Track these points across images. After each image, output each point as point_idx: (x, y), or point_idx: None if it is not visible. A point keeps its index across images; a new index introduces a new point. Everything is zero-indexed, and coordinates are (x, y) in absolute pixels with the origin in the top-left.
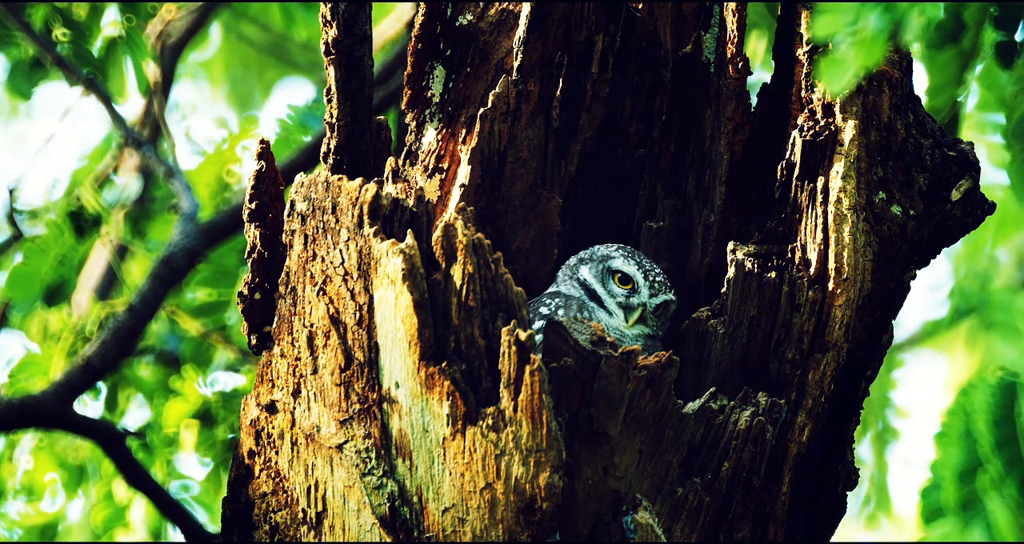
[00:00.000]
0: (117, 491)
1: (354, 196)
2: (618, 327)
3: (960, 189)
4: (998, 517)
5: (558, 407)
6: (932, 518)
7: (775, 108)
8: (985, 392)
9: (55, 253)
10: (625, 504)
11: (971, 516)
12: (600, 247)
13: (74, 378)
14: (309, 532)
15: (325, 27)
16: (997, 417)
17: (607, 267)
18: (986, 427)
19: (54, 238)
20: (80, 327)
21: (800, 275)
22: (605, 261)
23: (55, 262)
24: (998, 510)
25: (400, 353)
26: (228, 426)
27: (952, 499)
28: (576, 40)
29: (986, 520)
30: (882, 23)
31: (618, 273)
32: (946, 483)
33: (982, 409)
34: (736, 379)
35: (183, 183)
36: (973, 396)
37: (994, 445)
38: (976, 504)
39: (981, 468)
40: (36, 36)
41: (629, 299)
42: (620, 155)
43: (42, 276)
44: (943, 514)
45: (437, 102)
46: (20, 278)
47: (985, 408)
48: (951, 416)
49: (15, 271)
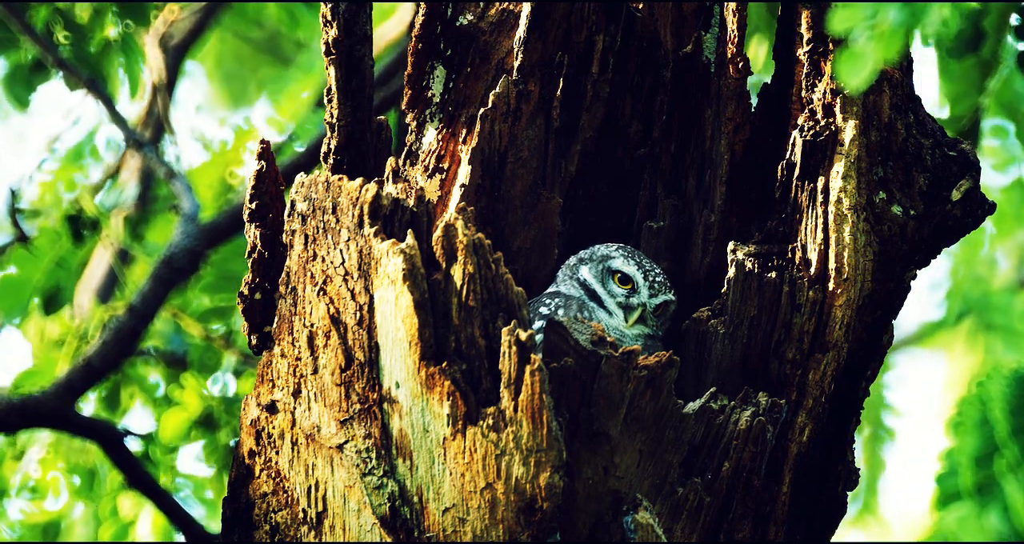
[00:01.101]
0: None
1: (354, 196)
2: (618, 327)
3: (960, 189)
4: (1015, 500)
5: (558, 407)
6: (948, 502)
7: (775, 108)
8: (1001, 382)
9: (50, 259)
10: (625, 504)
11: (987, 500)
12: (600, 247)
13: (75, 378)
14: (309, 532)
15: (325, 27)
16: (1013, 406)
17: (607, 267)
18: (1003, 415)
19: (49, 244)
20: (82, 331)
21: (800, 275)
22: (605, 261)
23: (50, 268)
24: (1015, 493)
25: (400, 353)
26: (231, 430)
27: (968, 483)
28: (576, 40)
29: (1003, 503)
30: (902, 17)
31: (618, 273)
32: (962, 468)
33: (999, 398)
34: (736, 379)
35: (184, 184)
36: (989, 386)
37: (1011, 431)
38: (993, 488)
39: (998, 453)
40: (38, 38)
41: (629, 299)
42: (620, 155)
43: (33, 284)
44: (959, 498)
45: (437, 102)
46: (9, 287)
47: (1001, 397)
48: (967, 405)
49: (4, 280)
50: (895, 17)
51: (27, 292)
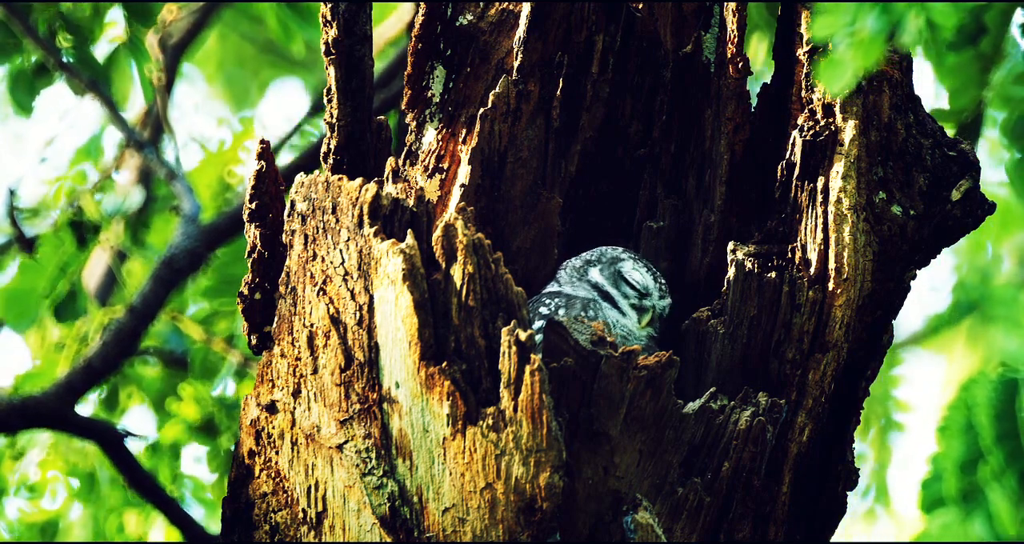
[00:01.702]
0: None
1: (354, 196)
2: (627, 325)
3: (960, 189)
4: (999, 508)
5: (558, 407)
6: (932, 508)
7: (775, 108)
8: (987, 387)
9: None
10: (625, 504)
11: (972, 507)
12: (607, 250)
13: (75, 379)
14: (309, 532)
15: (325, 27)
16: (998, 411)
17: (617, 270)
18: (987, 420)
19: (52, 250)
20: (82, 333)
21: (800, 275)
22: (615, 264)
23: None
24: (999, 501)
25: (400, 353)
26: (231, 435)
27: (953, 490)
28: (576, 40)
29: (987, 511)
30: (880, 25)
31: (630, 277)
32: (947, 474)
33: (984, 403)
34: (736, 379)
35: (184, 185)
36: (975, 391)
37: (995, 438)
38: (977, 495)
39: (982, 460)
40: (40, 40)
41: (642, 301)
42: (620, 155)
43: (40, 292)
44: (944, 504)
45: (437, 102)
46: (16, 297)
47: (986, 403)
48: (952, 410)
49: (9, 290)
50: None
51: (34, 301)
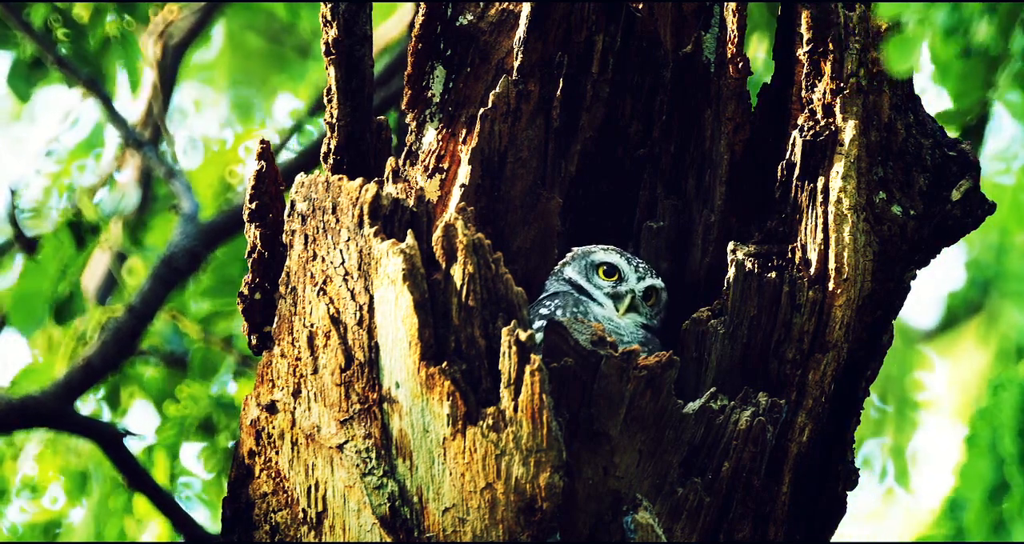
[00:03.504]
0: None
1: (354, 196)
2: (610, 317)
3: (960, 189)
4: None
5: (558, 407)
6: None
7: (775, 108)
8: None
9: (56, 267)
10: (625, 504)
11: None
12: (579, 248)
13: (74, 378)
14: (309, 532)
15: (325, 27)
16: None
17: (589, 261)
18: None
19: (53, 252)
20: (81, 333)
21: (800, 275)
22: (587, 256)
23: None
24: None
25: (400, 353)
26: (230, 433)
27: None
28: (576, 40)
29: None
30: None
31: (602, 265)
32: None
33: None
34: (736, 379)
35: (184, 184)
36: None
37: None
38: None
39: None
40: (36, 36)
41: (616, 288)
42: (620, 155)
43: (44, 294)
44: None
45: (437, 102)
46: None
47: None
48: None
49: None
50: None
51: (39, 304)
